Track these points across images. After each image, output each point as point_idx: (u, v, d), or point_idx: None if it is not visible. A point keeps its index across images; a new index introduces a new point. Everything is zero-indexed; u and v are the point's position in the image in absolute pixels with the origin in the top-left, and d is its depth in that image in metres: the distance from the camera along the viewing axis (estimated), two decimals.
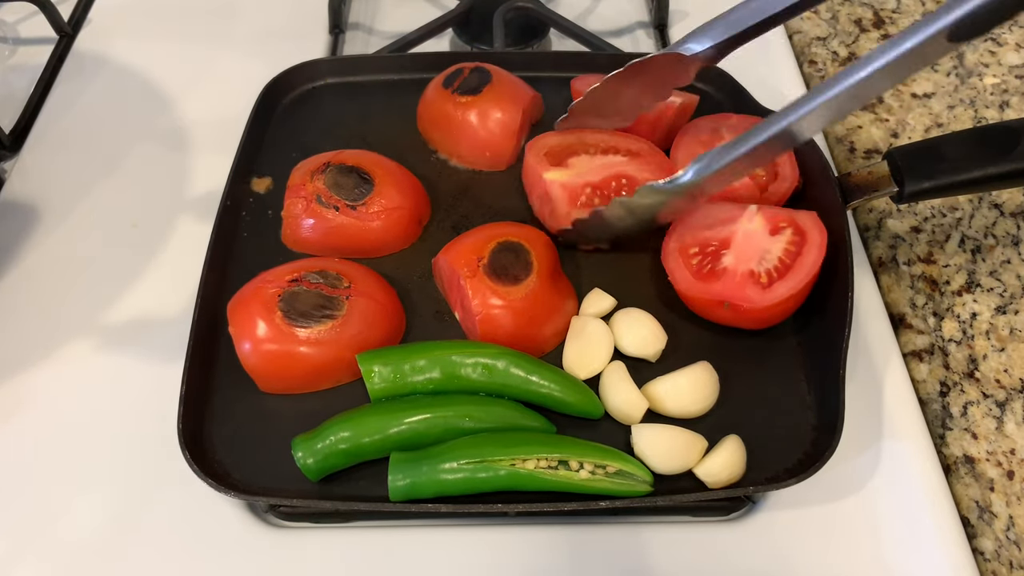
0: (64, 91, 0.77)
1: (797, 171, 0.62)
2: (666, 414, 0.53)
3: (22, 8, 0.85)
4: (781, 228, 0.56)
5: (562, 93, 0.71)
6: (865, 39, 0.81)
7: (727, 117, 0.66)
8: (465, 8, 0.80)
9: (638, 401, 0.52)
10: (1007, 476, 0.53)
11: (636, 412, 0.52)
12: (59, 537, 0.51)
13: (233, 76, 0.78)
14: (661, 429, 0.50)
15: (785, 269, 0.54)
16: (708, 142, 0.64)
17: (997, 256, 0.63)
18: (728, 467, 0.50)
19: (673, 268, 0.57)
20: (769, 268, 0.54)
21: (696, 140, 0.64)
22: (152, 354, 0.58)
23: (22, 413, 0.56)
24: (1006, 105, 0.73)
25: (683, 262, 0.56)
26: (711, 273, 0.55)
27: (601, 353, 0.55)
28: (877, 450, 0.55)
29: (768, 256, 0.55)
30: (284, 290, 0.52)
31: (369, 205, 0.59)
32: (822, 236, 0.55)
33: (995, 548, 0.52)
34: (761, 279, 0.54)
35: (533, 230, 0.58)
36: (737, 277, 0.54)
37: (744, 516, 0.52)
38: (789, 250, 0.55)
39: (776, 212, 0.57)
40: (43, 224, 0.66)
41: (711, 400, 0.53)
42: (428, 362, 0.51)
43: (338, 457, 0.49)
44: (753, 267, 0.55)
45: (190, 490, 0.50)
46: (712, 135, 0.64)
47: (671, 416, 0.53)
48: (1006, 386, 0.56)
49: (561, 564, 0.50)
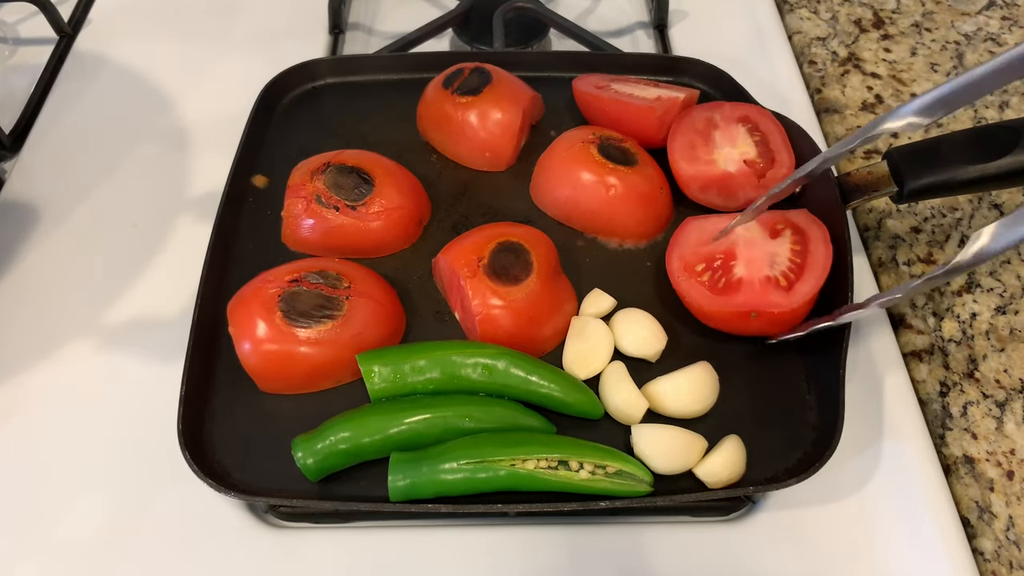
0: (64, 91, 0.77)
1: (793, 156, 0.62)
2: (666, 414, 0.53)
3: (22, 8, 0.85)
4: (780, 231, 0.56)
5: (562, 93, 0.71)
6: (865, 39, 0.81)
7: (719, 106, 0.66)
8: (465, 8, 0.80)
9: (638, 401, 0.52)
10: (1007, 476, 0.53)
11: (636, 412, 0.52)
12: (59, 537, 0.51)
13: (233, 76, 0.78)
14: (661, 429, 0.50)
15: (800, 269, 0.54)
16: (704, 131, 0.64)
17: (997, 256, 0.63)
18: (728, 467, 0.50)
19: (688, 289, 0.56)
20: (784, 271, 0.54)
21: (692, 129, 0.64)
22: (152, 354, 0.58)
23: (22, 413, 0.56)
24: (1006, 105, 0.73)
25: (695, 281, 0.56)
26: (728, 286, 0.55)
27: (601, 353, 0.55)
28: (877, 450, 0.55)
29: (778, 259, 0.55)
30: (284, 290, 0.52)
31: (369, 205, 0.59)
32: (823, 230, 0.55)
33: (995, 548, 0.52)
34: (780, 283, 0.54)
35: (533, 230, 0.58)
36: (756, 285, 0.54)
37: (744, 516, 0.52)
38: (795, 249, 0.55)
39: (770, 215, 0.57)
40: (43, 224, 0.66)
41: (711, 400, 0.53)
42: (428, 362, 0.51)
43: (338, 457, 0.49)
44: (768, 272, 0.54)
45: (190, 490, 0.50)
46: (707, 124, 0.64)
47: (671, 416, 0.53)
48: (1006, 386, 0.56)
49: (561, 564, 0.50)
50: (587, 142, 0.62)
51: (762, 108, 0.65)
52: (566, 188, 0.62)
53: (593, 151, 0.61)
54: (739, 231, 0.56)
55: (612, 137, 0.63)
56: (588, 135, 0.62)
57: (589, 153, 0.61)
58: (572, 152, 0.62)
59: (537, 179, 0.65)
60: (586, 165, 0.61)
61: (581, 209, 0.62)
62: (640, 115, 0.64)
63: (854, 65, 0.79)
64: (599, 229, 0.63)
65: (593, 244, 0.63)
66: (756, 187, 0.61)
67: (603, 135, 0.63)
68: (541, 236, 0.58)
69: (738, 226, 0.57)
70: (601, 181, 0.60)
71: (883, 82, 0.77)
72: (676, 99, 0.65)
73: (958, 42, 0.79)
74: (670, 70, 0.72)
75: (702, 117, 0.65)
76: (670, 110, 0.64)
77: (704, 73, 0.71)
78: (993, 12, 0.82)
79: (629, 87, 0.67)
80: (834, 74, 0.78)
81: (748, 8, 0.86)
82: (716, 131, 0.64)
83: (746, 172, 0.61)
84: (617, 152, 0.61)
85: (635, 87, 0.67)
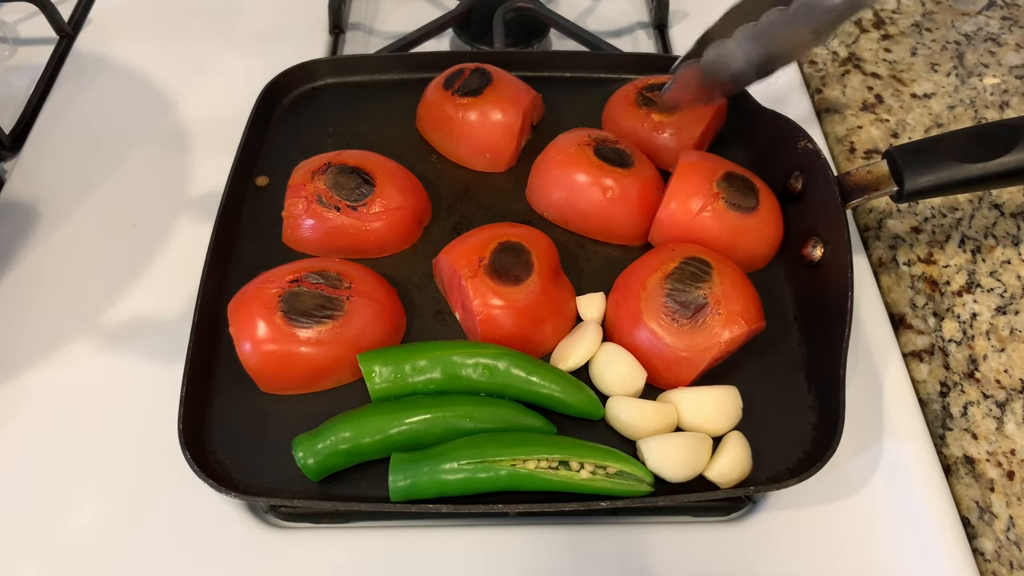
0: (64, 91, 0.77)
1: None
2: (680, 425, 0.52)
3: (22, 8, 0.85)
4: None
5: (562, 93, 0.71)
6: (865, 39, 0.81)
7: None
8: (465, 8, 0.80)
9: (636, 372, 0.52)
10: (1007, 476, 0.53)
11: (635, 383, 0.52)
12: (59, 537, 0.51)
13: (233, 76, 0.78)
14: (667, 439, 0.50)
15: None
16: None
17: (997, 256, 0.63)
18: (738, 464, 0.49)
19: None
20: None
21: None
22: (152, 354, 0.58)
23: (22, 413, 0.56)
24: (1006, 105, 0.73)
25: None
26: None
27: (587, 342, 0.54)
28: (877, 450, 0.55)
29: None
30: (284, 290, 0.52)
31: (370, 206, 0.59)
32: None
33: (995, 548, 0.52)
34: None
35: (533, 230, 0.58)
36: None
37: (744, 516, 0.52)
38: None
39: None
40: (43, 224, 0.66)
41: (728, 426, 0.52)
42: (429, 362, 0.51)
43: (339, 457, 0.49)
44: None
45: (190, 490, 0.50)
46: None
47: (684, 428, 0.52)
48: (1006, 386, 0.56)
49: (561, 564, 0.50)
50: (583, 144, 0.62)
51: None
52: (562, 191, 0.61)
53: (589, 153, 0.61)
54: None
55: (608, 139, 0.63)
56: (584, 137, 0.62)
57: (585, 155, 0.61)
58: (568, 154, 0.61)
59: (533, 182, 0.64)
60: (582, 167, 0.61)
61: (578, 211, 0.62)
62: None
63: (854, 65, 0.79)
64: (596, 231, 0.63)
65: (593, 245, 0.63)
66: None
67: (599, 137, 0.63)
68: (542, 236, 0.58)
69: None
70: (597, 183, 0.60)
71: (883, 82, 0.77)
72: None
73: (958, 42, 0.79)
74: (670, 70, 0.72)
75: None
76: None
77: None
78: (993, 12, 0.82)
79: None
80: (834, 74, 0.79)
81: None
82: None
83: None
84: (613, 154, 0.61)
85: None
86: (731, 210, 0.58)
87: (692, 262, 0.54)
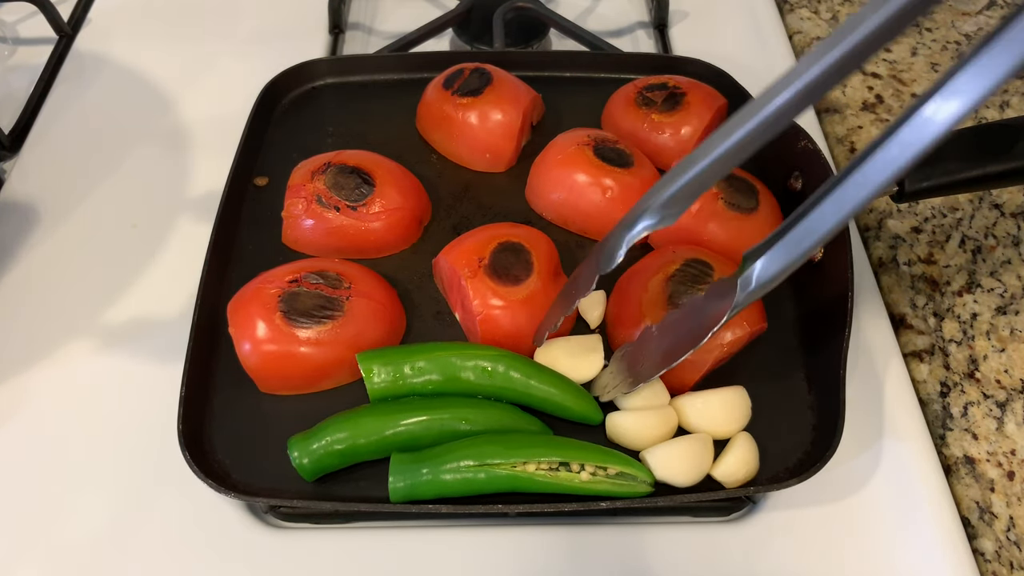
0: (64, 91, 0.77)
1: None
2: (688, 428, 0.52)
3: (22, 8, 0.85)
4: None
5: (562, 93, 0.71)
6: None
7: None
8: (465, 8, 0.80)
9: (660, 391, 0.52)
10: (1007, 477, 0.53)
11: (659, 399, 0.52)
12: (59, 537, 0.51)
13: (233, 76, 0.78)
14: (670, 446, 0.50)
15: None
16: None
17: (997, 256, 0.63)
18: (745, 464, 0.49)
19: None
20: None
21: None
22: (152, 354, 0.58)
23: (22, 413, 0.56)
24: (1006, 105, 0.73)
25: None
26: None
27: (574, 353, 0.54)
28: (877, 450, 0.55)
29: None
30: (284, 290, 0.52)
31: (370, 206, 0.59)
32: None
33: (995, 549, 0.52)
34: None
35: (533, 230, 0.58)
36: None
37: (744, 516, 0.52)
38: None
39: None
40: (43, 224, 0.66)
41: (737, 428, 0.52)
42: (428, 363, 0.51)
43: (334, 458, 0.49)
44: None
45: (190, 491, 0.50)
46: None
47: (692, 431, 0.52)
48: (1006, 386, 0.56)
49: (561, 565, 0.50)
50: (582, 144, 0.62)
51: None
52: (562, 190, 0.61)
53: (589, 153, 0.61)
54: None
55: (608, 139, 0.63)
56: (583, 137, 0.62)
57: (585, 155, 0.61)
58: (567, 154, 0.61)
59: (532, 182, 0.64)
60: (582, 167, 0.60)
61: (578, 211, 0.62)
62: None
63: None
64: (596, 231, 0.63)
65: (593, 245, 0.63)
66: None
67: (598, 136, 0.63)
68: (542, 236, 0.58)
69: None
70: (597, 183, 0.60)
71: (883, 82, 0.77)
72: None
73: (958, 42, 0.79)
74: (670, 70, 0.72)
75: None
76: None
77: (704, 73, 0.71)
78: (993, 12, 0.82)
79: None
80: None
81: (748, 8, 0.86)
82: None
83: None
84: (613, 154, 0.61)
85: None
86: (731, 211, 0.58)
87: (694, 264, 0.54)
